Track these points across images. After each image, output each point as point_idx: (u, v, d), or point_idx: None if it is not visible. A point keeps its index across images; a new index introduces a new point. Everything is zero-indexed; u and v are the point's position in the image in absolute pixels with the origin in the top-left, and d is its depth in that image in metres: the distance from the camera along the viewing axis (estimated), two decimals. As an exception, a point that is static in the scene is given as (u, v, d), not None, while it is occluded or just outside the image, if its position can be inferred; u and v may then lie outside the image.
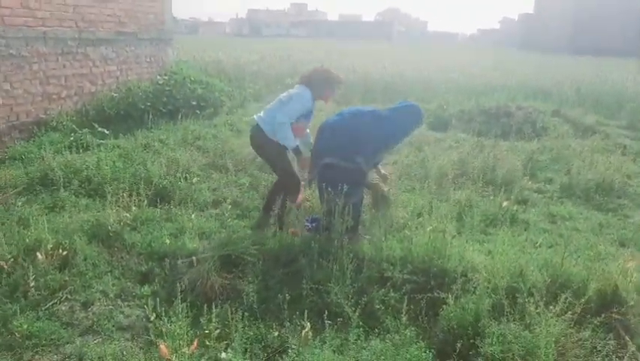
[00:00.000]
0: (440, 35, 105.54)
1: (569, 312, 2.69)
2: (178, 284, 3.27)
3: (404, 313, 2.77)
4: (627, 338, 2.78)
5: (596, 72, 14.29)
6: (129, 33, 8.41)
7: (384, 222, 4.06)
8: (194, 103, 8.14)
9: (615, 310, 2.96)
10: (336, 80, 4.23)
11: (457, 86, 12.00)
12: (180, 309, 2.60)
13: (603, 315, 2.83)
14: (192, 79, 8.69)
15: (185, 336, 2.51)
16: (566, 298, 2.74)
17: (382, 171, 4.47)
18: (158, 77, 8.40)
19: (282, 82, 11.02)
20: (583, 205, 5.14)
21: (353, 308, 2.81)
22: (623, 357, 2.64)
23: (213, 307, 2.68)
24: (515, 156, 6.20)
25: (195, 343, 2.54)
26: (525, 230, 4.50)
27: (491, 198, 4.97)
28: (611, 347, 2.71)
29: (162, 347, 2.45)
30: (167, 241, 3.77)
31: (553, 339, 2.62)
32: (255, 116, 4.26)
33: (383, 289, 3.21)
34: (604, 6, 43.88)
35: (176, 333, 2.51)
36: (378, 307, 3.06)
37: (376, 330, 2.90)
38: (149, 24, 9.07)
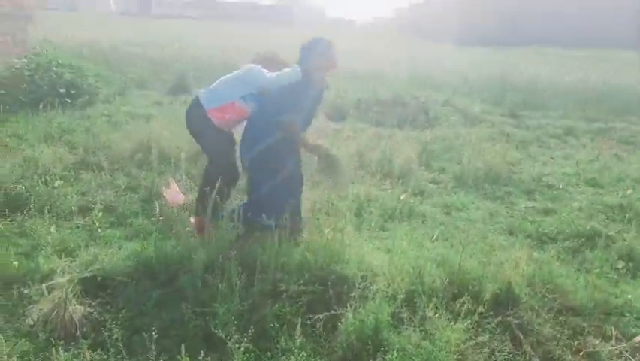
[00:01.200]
0: (338, 22, 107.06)
1: (467, 317, 2.60)
2: (27, 319, 2.70)
3: (299, 330, 2.49)
4: (522, 336, 2.76)
5: (481, 62, 15.24)
6: (-25, 6, 7.08)
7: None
8: (62, 90, 7.10)
9: (510, 309, 2.94)
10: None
11: (353, 74, 12.00)
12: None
13: (500, 317, 2.78)
14: (60, 62, 7.58)
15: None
16: (464, 303, 2.65)
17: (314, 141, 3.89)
18: (15, 60, 7.19)
19: (170, 67, 10.17)
20: (474, 194, 5.26)
21: (241, 332, 2.46)
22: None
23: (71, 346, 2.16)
24: (410, 146, 6.22)
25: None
26: (422, 223, 4.46)
27: (389, 191, 4.88)
28: (509, 349, 2.66)
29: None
30: (15, 263, 3.08)
31: (452, 348, 2.50)
32: (196, 93, 3.72)
33: (277, 304, 2.89)
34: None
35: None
36: (271, 325, 2.74)
37: (269, 353, 2.58)
38: (4, -4, 7.74)
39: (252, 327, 2.58)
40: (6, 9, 7.81)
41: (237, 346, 2.36)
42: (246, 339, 2.43)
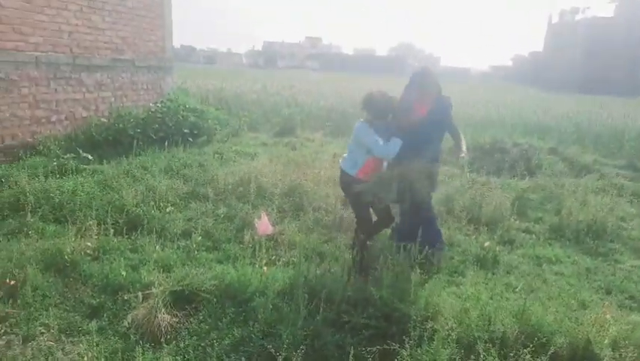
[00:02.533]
0: (453, 70, 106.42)
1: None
2: (125, 321, 3.15)
3: (351, 357, 2.59)
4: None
5: (598, 110, 14.11)
6: (126, 60, 8.50)
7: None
8: (186, 131, 8.12)
9: (585, 367, 2.72)
10: (386, 107, 4.05)
11: (459, 121, 11.86)
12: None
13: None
14: (187, 107, 8.70)
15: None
16: (527, 353, 2.53)
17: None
18: (151, 105, 8.43)
19: (279, 111, 11.02)
20: (572, 248, 4.90)
21: (301, 356, 2.62)
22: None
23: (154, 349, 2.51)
24: (505, 193, 6.00)
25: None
26: (507, 273, 4.27)
27: (473, 237, 4.77)
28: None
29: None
30: (124, 273, 3.62)
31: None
32: (340, 162, 4.26)
33: (339, 334, 3.01)
34: (612, 45, 44.06)
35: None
36: (331, 353, 2.86)
37: (325, 379, 2.69)
38: (148, 52, 9.18)
39: (311, 353, 2.74)
40: (150, 62, 9.24)
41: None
42: (303, 361, 2.58)
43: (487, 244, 4.55)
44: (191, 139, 8.25)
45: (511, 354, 2.72)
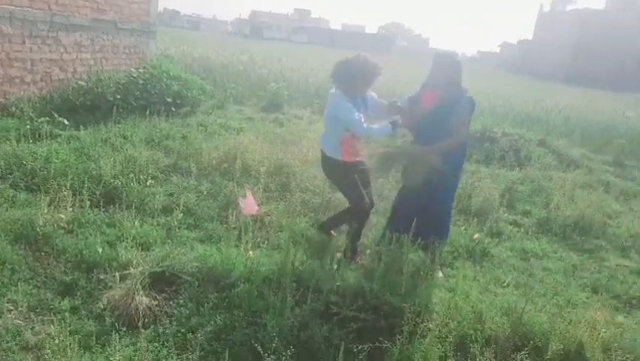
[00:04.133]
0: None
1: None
2: (100, 303, 2.97)
3: (341, 355, 2.47)
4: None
5: (587, 104, 14.18)
6: (108, 21, 8.06)
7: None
8: (169, 100, 7.78)
9: (577, 372, 2.67)
10: (372, 72, 3.63)
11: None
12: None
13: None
14: (171, 74, 8.33)
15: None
16: (524, 358, 2.45)
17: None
18: (133, 70, 8.03)
19: (265, 86, 10.70)
20: (558, 243, 4.88)
21: (285, 346, 2.49)
22: None
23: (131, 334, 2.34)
24: (494, 184, 5.94)
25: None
26: (495, 266, 4.22)
27: (462, 228, 4.69)
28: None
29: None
30: (100, 250, 3.41)
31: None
32: (320, 141, 3.91)
33: (327, 326, 2.89)
34: (603, 37, 44.37)
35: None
36: (318, 346, 2.74)
37: (312, 373, 2.58)
38: (132, 14, 8.72)
39: (297, 344, 2.61)
40: (133, 25, 8.79)
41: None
42: (289, 354, 2.46)
43: (476, 235, 4.49)
44: (174, 109, 7.91)
45: (504, 357, 2.64)
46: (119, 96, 7.13)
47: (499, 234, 4.91)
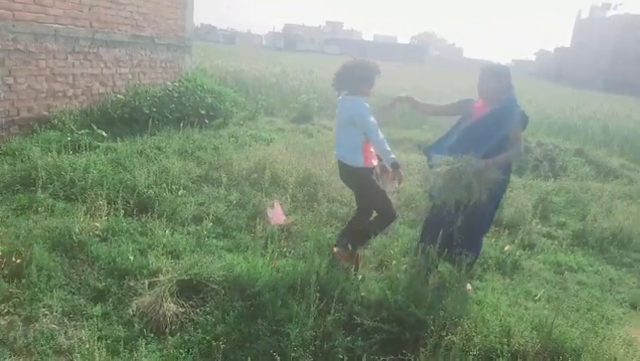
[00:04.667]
0: (475, 62, 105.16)
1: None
2: (129, 309, 3.06)
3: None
4: None
5: (627, 111, 13.64)
6: (146, 37, 8.36)
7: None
8: (202, 112, 7.99)
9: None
10: (373, 71, 3.62)
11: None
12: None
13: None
14: (205, 87, 8.55)
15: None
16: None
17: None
18: (168, 83, 8.29)
19: (297, 97, 10.82)
20: (595, 256, 4.70)
21: (309, 357, 2.50)
22: None
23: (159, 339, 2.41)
24: (528, 195, 5.79)
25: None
26: (526, 279, 4.10)
27: (493, 240, 4.59)
28: None
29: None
30: (131, 258, 3.52)
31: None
32: (337, 154, 3.84)
33: (350, 336, 2.88)
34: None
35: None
36: (341, 356, 2.74)
37: (333, 384, 2.57)
38: (168, 29, 9.02)
39: (320, 354, 2.61)
40: (170, 40, 9.10)
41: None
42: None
43: (507, 247, 4.38)
44: (207, 121, 8.12)
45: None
46: (154, 109, 7.38)
47: (531, 246, 4.77)
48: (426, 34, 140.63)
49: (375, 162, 3.74)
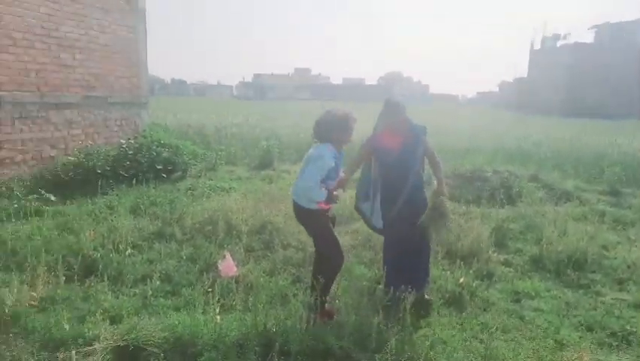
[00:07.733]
0: (441, 97, 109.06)
1: None
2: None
3: None
4: None
5: (579, 134, 14.13)
6: (98, 97, 8.36)
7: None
8: (159, 167, 7.92)
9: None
10: (349, 120, 3.70)
11: (440, 147, 11.78)
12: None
13: None
14: (161, 142, 8.52)
15: None
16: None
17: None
18: (122, 141, 8.23)
19: (257, 144, 10.89)
20: (552, 281, 4.69)
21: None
22: None
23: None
24: (484, 224, 5.82)
25: None
26: (484, 310, 4.04)
27: (448, 272, 4.54)
28: None
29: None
30: (67, 327, 3.34)
31: None
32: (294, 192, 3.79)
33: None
34: (594, 69, 45.16)
35: None
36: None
37: None
38: (122, 88, 9.06)
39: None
40: (124, 98, 9.11)
41: None
42: None
43: (462, 280, 4.33)
44: (164, 175, 8.03)
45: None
46: (108, 168, 7.27)
47: (489, 275, 4.74)
48: (392, 75, 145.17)
49: (330, 205, 3.72)
